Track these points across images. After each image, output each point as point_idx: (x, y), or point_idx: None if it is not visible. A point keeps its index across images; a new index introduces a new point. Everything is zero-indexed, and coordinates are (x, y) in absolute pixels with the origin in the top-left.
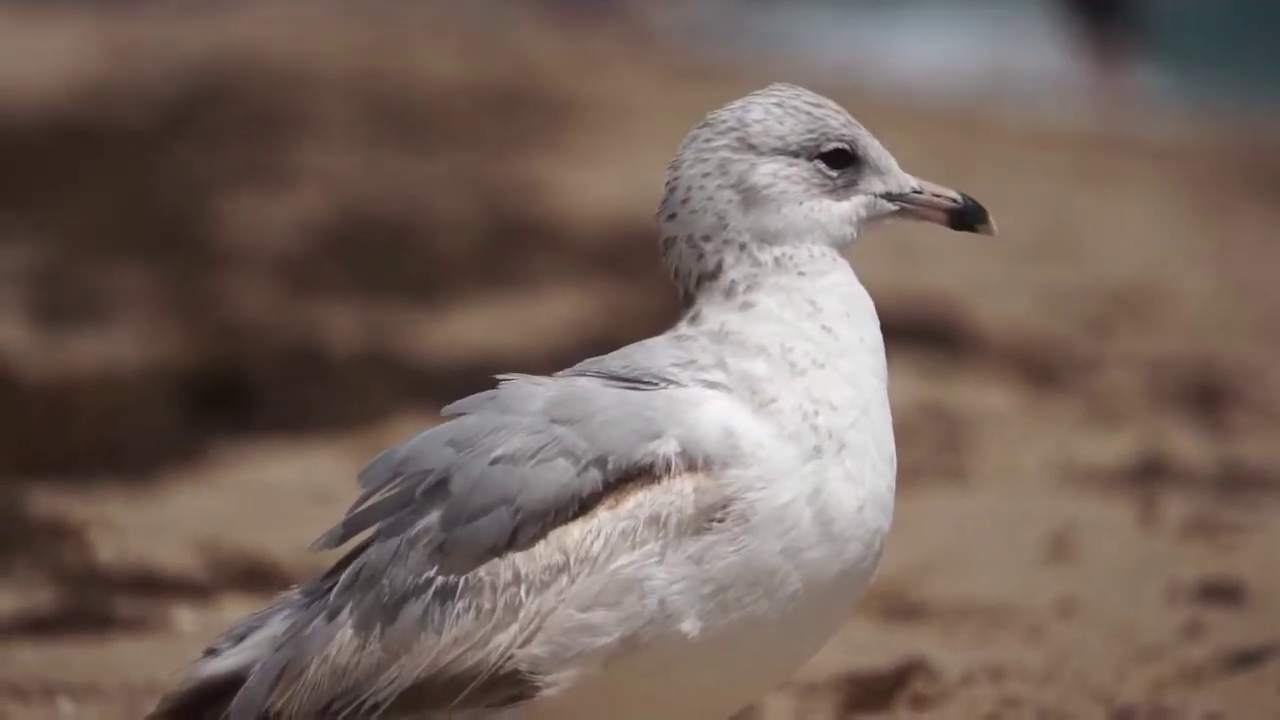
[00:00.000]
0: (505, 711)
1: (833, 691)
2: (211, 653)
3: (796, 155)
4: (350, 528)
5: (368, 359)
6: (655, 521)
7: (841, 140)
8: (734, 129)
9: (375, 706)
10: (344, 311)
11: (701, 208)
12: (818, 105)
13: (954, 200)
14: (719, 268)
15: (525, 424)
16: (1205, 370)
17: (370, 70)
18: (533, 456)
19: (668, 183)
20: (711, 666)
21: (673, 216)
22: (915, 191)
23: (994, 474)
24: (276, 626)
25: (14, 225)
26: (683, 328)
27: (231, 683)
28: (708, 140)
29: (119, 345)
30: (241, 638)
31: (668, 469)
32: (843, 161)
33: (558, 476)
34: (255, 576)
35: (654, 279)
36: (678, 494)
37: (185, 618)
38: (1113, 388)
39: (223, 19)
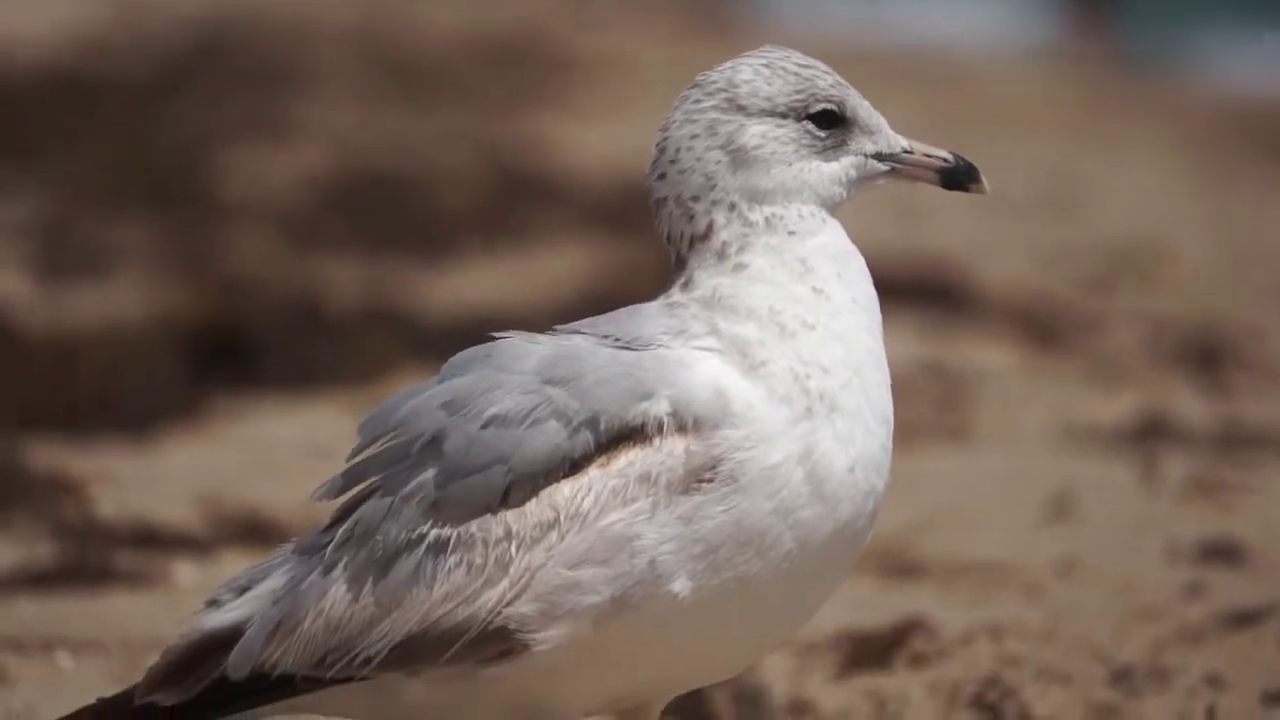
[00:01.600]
0: (495, 667)
1: (832, 650)
2: (214, 604)
3: (785, 116)
4: (349, 479)
5: (369, 314)
6: (646, 479)
7: (830, 101)
8: (723, 90)
9: (367, 660)
10: (345, 267)
11: (690, 168)
12: (806, 66)
13: (945, 160)
14: (710, 229)
15: (518, 383)
16: (1206, 330)
17: (372, 24)
18: (525, 417)
19: (657, 143)
20: (705, 627)
21: (662, 177)
22: (905, 151)
23: (994, 433)
24: (277, 580)
25: (15, 179)
26: (675, 294)
27: (233, 636)
28: (697, 101)
29: (120, 300)
30: (244, 590)
31: (659, 429)
32: (831, 122)
33: (550, 437)
34: (255, 532)
35: (655, 235)
36: (668, 454)
37: (185, 572)
38: (1114, 347)
39: None
